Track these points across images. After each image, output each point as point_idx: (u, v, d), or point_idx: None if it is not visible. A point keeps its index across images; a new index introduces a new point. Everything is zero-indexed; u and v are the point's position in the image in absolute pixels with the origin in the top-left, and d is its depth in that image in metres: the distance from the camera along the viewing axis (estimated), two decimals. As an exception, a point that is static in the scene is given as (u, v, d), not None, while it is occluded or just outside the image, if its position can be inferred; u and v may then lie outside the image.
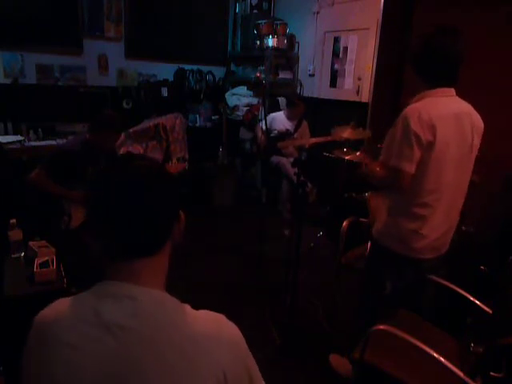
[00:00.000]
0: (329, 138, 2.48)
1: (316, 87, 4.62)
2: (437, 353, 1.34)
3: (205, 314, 0.72)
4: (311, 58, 4.61)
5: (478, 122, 1.61)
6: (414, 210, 1.62)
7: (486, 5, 3.19)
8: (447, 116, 1.54)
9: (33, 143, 3.48)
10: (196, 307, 0.72)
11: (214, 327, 0.70)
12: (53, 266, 1.86)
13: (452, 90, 1.58)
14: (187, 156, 3.90)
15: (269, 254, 3.03)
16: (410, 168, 1.52)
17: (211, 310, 0.73)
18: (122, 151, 3.66)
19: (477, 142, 1.62)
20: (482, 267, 2.29)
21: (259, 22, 4.50)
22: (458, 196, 1.67)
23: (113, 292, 0.68)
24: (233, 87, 4.96)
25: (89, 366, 0.63)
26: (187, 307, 0.71)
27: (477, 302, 1.64)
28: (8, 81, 3.60)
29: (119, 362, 0.63)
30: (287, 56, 4.75)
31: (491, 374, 1.39)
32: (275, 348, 2.17)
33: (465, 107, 1.60)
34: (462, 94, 1.62)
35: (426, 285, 1.82)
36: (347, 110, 4.19)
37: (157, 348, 0.64)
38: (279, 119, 4.16)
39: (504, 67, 3.08)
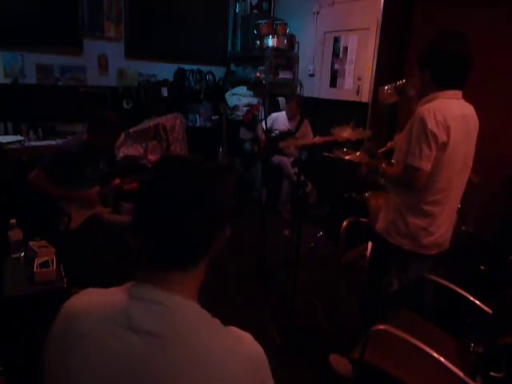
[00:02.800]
0: (330, 138, 2.48)
1: (316, 87, 4.62)
2: (437, 353, 1.34)
3: (231, 331, 0.71)
4: (311, 58, 4.61)
5: (477, 124, 1.67)
6: (425, 208, 1.67)
7: (486, 5, 3.19)
8: (457, 117, 1.58)
9: (33, 143, 3.48)
10: (225, 324, 0.71)
11: (236, 344, 0.69)
12: (53, 266, 1.86)
13: (459, 93, 1.62)
14: (187, 156, 3.90)
15: (269, 254, 3.03)
16: (427, 166, 1.57)
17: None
18: (122, 151, 3.67)
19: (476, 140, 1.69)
20: (481, 267, 2.29)
21: (259, 22, 4.50)
22: (460, 194, 1.74)
23: (146, 296, 0.67)
24: (233, 87, 4.96)
25: (109, 364, 0.63)
26: (216, 322, 0.70)
27: (477, 302, 1.64)
28: (8, 81, 3.59)
29: (139, 366, 0.63)
30: (287, 56, 4.75)
31: (491, 374, 1.39)
32: (275, 348, 2.17)
33: (469, 109, 1.65)
34: (462, 94, 1.64)
35: (426, 284, 1.82)
36: (347, 110, 4.19)
37: (178, 358, 0.63)
38: (280, 119, 4.17)
39: (504, 67, 3.08)
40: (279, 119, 4.17)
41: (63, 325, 0.69)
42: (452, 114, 1.57)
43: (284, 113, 4.22)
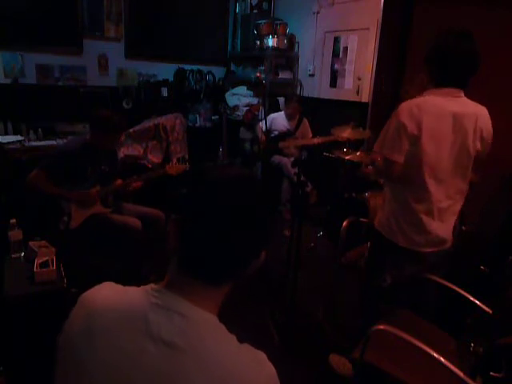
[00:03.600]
0: (330, 138, 2.48)
1: (316, 87, 4.62)
2: (437, 353, 1.34)
3: (247, 350, 0.69)
4: (311, 58, 4.61)
5: (485, 125, 1.61)
6: (412, 205, 1.68)
7: (486, 4, 3.19)
8: (441, 114, 1.57)
9: (33, 143, 3.48)
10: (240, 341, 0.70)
11: (254, 365, 0.67)
12: (53, 266, 1.86)
13: (459, 91, 1.60)
14: (187, 156, 3.91)
15: (269, 254, 3.02)
16: (399, 158, 1.59)
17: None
18: (122, 151, 3.66)
19: (479, 145, 1.62)
20: (481, 267, 2.29)
21: (259, 21, 4.50)
22: (457, 196, 1.70)
23: (166, 304, 0.66)
24: (233, 87, 4.96)
25: (121, 366, 0.63)
26: (233, 338, 0.69)
27: (477, 301, 1.64)
28: (8, 81, 3.59)
29: (152, 376, 0.62)
30: (287, 56, 4.75)
31: (491, 374, 1.39)
32: (275, 348, 2.17)
33: (471, 109, 1.61)
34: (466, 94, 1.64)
35: (425, 284, 1.82)
36: (347, 110, 4.18)
37: (192, 372, 0.62)
38: (279, 119, 4.16)
39: (505, 66, 3.08)
40: (278, 120, 4.17)
41: (81, 319, 0.69)
42: (434, 109, 1.56)
43: (282, 113, 4.22)
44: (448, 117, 1.58)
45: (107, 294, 0.72)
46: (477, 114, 1.61)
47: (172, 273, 0.70)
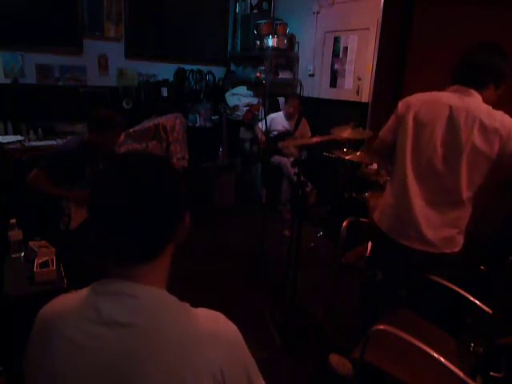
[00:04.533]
0: (330, 138, 2.48)
1: (316, 87, 4.62)
2: (437, 353, 1.34)
3: (204, 312, 0.72)
4: (311, 58, 4.61)
5: (489, 122, 1.55)
6: (392, 185, 1.78)
7: (486, 5, 3.19)
8: (437, 103, 1.63)
9: (33, 143, 3.48)
10: (196, 307, 0.73)
11: (212, 325, 0.70)
12: (53, 266, 1.86)
13: (467, 90, 1.60)
14: (187, 156, 3.90)
15: (269, 254, 3.03)
16: (386, 135, 1.78)
17: (211, 309, 0.73)
18: (121, 151, 3.66)
19: (481, 143, 1.56)
20: (481, 267, 2.29)
21: (259, 21, 4.50)
22: (449, 194, 1.63)
23: (113, 290, 0.68)
24: (233, 87, 4.96)
25: (90, 362, 0.64)
26: (186, 305, 0.71)
27: (477, 302, 1.64)
28: (8, 81, 3.60)
29: (119, 359, 0.63)
30: (287, 56, 4.75)
31: (491, 374, 1.39)
32: (275, 348, 2.17)
33: (474, 106, 1.58)
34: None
35: (426, 284, 1.82)
36: (347, 110, 4.19)
37: (155, 344, 0.64)
38: (278, 119, 4.16)
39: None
40: (277, 120, 4.17)
41: (40, 332, 0.70)
42: (429, 98, 1.65)
43: (281, 113, 4.22)
44: (443, 107, 1.60)
45: (59, 303, 0.73)
46: (480, 113, 1.56)
47: (108, 266, 0.71)
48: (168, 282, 0.75)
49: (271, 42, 4.39)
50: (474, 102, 1.59)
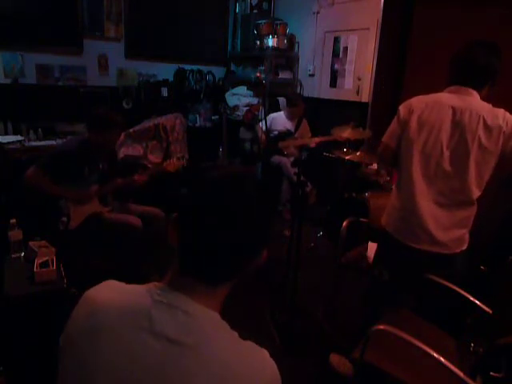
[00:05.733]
0: (330, 138, 2.48)
1: (316, 87, 4.62)
2: (437, 353, 1.34)
3: (251, 347, 0.70)
4: (311, 58, 4.61)
5: (492, 120, 1.56)
6: (400, 189, 1.76)
7: (485, 5, 3.19)
8: (439, 105, 1.63)
9: (33, 143, 3.48)
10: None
11: (257, 363, 0.68)
12: (53, 266, 1.86)
13: (467, 90, 1.62)
14: (187, 156, 3.90)
15: (269, 254, 3.02)
16: (389, 141, 1.76)
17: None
18: (122, 151, 3.67)
19: (487, 142, 1.56)
20: (482, 267, 2.29)
21: (259, 21, 4.50)
22: (457, 194, 1.64)
23: (170, 301, 0.66)
24: (233, 87, 4.96)
25: (124, 365, 0.63)
26: (235, 335, 0.69)
27: (477, 302, 1.64)
28: (8, 81, 3.59)
29: (156, 373, 0.62)
30: (287, 56, 4.75)
31: (491, 374, 1.39)
32: (275, 348, 2.17)
33: (476, 105, 1.59)
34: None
35: (426, 284, 1.82)
36: (347, 110, 4.18)
37: (193, 370, 0.62)
38: (279, 119, 4.16)
39: (505, 66, 3.07)
40: (278, 119, 4.16)
41: (84, 318, 0.69)
42: (430, 100, 1.65)
43: (282, 113, 4.22)
44: (446, 109, 1.60)
45: (110, 292, 0.71)
46: (482, 111, 1.57)
47: (174, 272, 0.70)
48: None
49: (271, 41, 4.38)
50: (475, 102, 1.60)
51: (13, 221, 2.07)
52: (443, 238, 1.67)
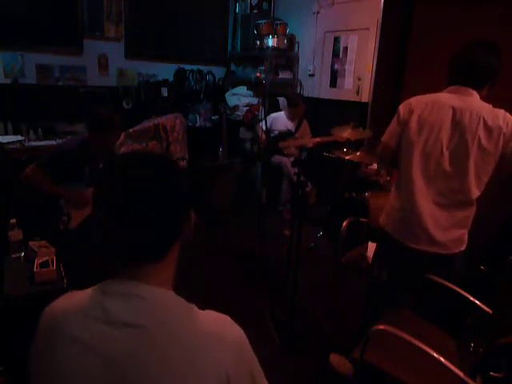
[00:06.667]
0: (330, 138, 2.48)
1: (316, 87, 4.62)
2: (437, 353, 1.34)
3: (210, 314, 0.72)
4: (311, 58, 4.61)
5: (492, 120, 1.56)
6: (399, 189, 1.76)
7: (485, 5, 3.19)
8: (439, 105, 1.62)
9: (33, 143, 3.48)
10: (199, 308, 0.72)
11: (218, 328, 0.70)
12: (53, 266, 1.86)
13: (467, 90, 1.61)
14: (187, 156, 3.90)
15: (269, 254, 3.03)
16: (389, 141, 1.75)
17: (211, 309, 0.73)
18: (121, 151, 3.66)
19: (487, 143, 1.56)
20: (482, 267, 2.29)
21: (259, 21, 4.50)
22: (457, 194, 1.64)
23: (120, 290, 0.68)
24: (233, 87, 4.96)
25: (95, 361, 0.64)
26: (194, 307, 0.71)
27: (477, 302, 1.64)
28: (8, 81, 3.59)
29: (124, 359, 0.63)
30: (287, 56, 4.75)
31: (491, 373, 1.39)
32: (275, 348, 2.17)
33: (476, 105, 1.59)
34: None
35: (426, 285, 1.82)
36: (347, 110, 4.19)
37: (161, 346, 0.64)
38: (280, 119, 4.16)
39: (505, 66, 3.07)
40: (278, 119, 4.16)
41: (45, 330, 0.70)
42: (430, 101, 1.64)
43: (283, 113, 4.22)
44: (446, 109, 1.60)
45: (66, 301, 0.73)
46: (482, 112, 1.57)
47: (115, 266, 0.71)
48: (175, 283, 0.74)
49: (271, 41, 4.39)
50: (475, 102, 1.60)
51: (13, 221, 2.07)
52: (442, 238, 1.67)
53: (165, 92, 4.44)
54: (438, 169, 1.63)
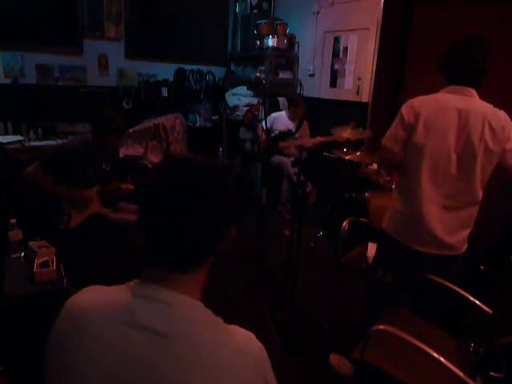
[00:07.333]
0: (331, 138, 2.48)
1: (316, 87, 4.62)
2: (437, 353, 1.34)
3: (235, 329, 0.71)
4: (311, 58, 4.61)
5: (495, 121, 1.57)
6: (404, 193, 1.73)
7: (485, 5, 3.19)
8: (444, 108, 1.59)
9: (33, 143, 3.48)
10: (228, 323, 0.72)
11: (241, 343, 0.69)
12: (53, 266, 1.86)
13: (467, 89, 1.60)
14: (187, 156, 3.90)
15: (269, 254, 3.03)
16: (395, 147, 1.67)
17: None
18: (122, 151, 3.66)
19: (492, 144, 1.57)
20: (482, 267, 2.29)
21: (259, 21, 4.50)
22: (456, 195, 1.65)
23: (149, 294, 0.67)
24: (233, 87, 4.96)
25: (115, 362, 0.63)
26: (219, 321, 0.70)
27: (477, 302, 1.64)
28: (8, 81, 3.59)
29: (143, 365, 0.62)
30: (287, 56, 4.75)
31: (491, 373, 1.39)
32: (275, 348, 2.17)
33: (479, 107, 1.59)
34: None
35: (426, 285, 1.82)
36: (347, 110, 4.19)
37: (181, 356, 0.63)
38: (281, 119, 4.16)
39: (505, 66, 3.07)
40: (279, 119, 4.16)
41: (68, 323, 0.69)
42: (435, 103, 1.61)
43: (284, 113, 4.22)
44: (452, 111, 1.57)
45: (91, 296, 0.72)
46: (486, 113, 1.57)
47: (147, 267, 0.70)
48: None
49: (271, 41, 4.39)
50: (477, 102, 1.60)
51: (13, 221, 2.07)
52: (450, 241, 1.68)
53: (165, 92, 4.44)
54: (446, 172, 1.61)
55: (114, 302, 0.68)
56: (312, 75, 4.63)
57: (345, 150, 2.80)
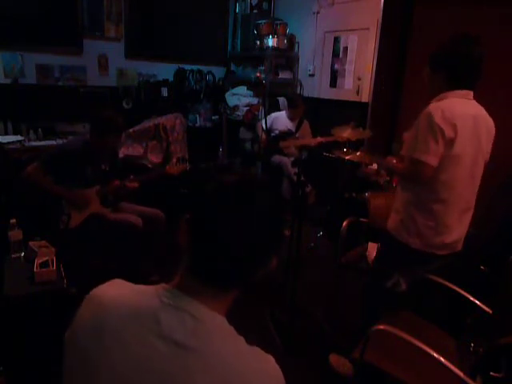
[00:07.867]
0: (331, 138, 2.48)
1: (316, 87, 4.62)
2: (437, 353, 1.34)
3: (255, 352, 0.70)
4: (311, 58, 4.61)
5: (492, 127, 1.65)
6: (432, 206, 1.66)
7: (485, 5, 3.19)
8: (467, 116, 1.59)
9: (33, 143, 3.48)
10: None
11: (262, 364, 0.68)
12: (53, 266, 1.86)
13: (470, 93, 1.62)
14: (187, 156, 3.91)
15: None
16: (434, 161, 1.57)
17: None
18: (121, 151, 3.66)
19: (488, 147, 1.66)
20: (482, 267, 2.29)
21: (259, 21, 4.50)
22: (471, 198, 1.71)
23: (178, 304, 0.66)
24: (233, 87, 4.96)
25: (130, 366, 0.63)
26: (241, 340, 0.69)
27: (477, 301, 1.64)
28: (8, 81, 3.59)
29: (162, 376, 0.62)
30: (287, 56, 4.75)
31: (491, 373, 1.39)
32: (275, 348, 2.17)
33: (481, 111, 1.63)
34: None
35: (426, 285, 1.82)
36: (347, 110, 4.18)
37: (201, 371, 0.62)
38: (281, 119, 4.16)
39: (503, 65, 3.07)
40: (279, 119, 4.16)
41: (90, 316, 0.68)
42: (461, 112, 1.58)
43: (284, 113, 4.22)
44: (469, 119, 1.59)
45: (117, 291, 0.71)
46: (485, 116, 1.63)
47: (183, 274, 0.70)
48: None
49: (271, 41, 4.38)
50: (478, 106, 1.63)
51: (13, 221, 2.07)
52: (458, 240, 1.74)
53: (165, 92, 4.44)
54: (470, 179, 1.66)
55: (140, 305, 0.67)
56: (312, 75, 4.63)
57: (345, 149, 2.80)
